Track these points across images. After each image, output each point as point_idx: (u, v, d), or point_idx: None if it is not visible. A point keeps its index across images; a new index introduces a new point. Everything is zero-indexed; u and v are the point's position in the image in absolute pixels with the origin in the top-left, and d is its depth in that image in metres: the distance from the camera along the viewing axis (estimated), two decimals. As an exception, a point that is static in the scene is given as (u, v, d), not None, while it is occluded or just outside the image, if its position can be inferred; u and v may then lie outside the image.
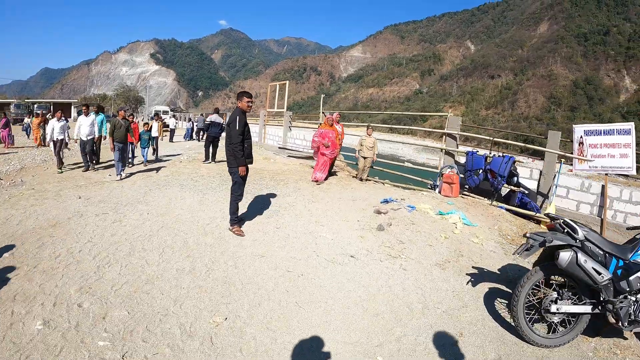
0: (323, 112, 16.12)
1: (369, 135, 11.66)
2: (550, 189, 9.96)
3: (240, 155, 6.29)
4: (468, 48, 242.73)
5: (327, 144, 10.80)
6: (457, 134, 11.06)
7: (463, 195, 10.38)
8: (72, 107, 59.48)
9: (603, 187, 9.41)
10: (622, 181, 10.15)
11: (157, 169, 12.16)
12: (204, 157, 14.56)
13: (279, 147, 17.87)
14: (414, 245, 6.37)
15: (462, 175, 10.53)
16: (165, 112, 50.15)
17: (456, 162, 11.11)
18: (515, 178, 10.25)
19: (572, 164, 9.63)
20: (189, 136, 28.20)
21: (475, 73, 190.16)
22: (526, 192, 10.12)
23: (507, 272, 5.66)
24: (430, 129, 13.41)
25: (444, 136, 11.26)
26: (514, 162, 10.03)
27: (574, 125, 9.50)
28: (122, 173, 10.69)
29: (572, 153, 9.61)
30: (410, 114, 13.76)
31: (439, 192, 10.60)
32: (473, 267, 5.81)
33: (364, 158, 11.62)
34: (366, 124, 15.32)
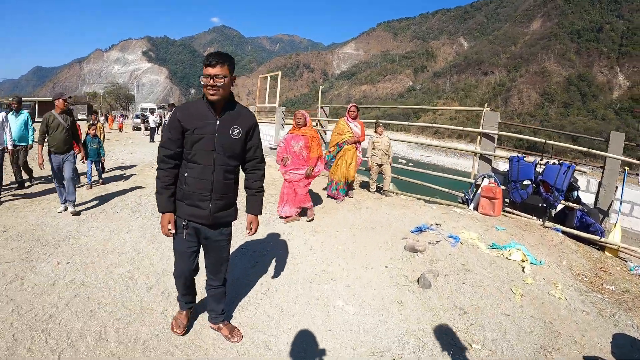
0: (322, 107, 13.68)
1: (380, 134, 9.27)
2: (611, 204, 7.75)
3: (161, 188, 3.08)
4: (461, 45, 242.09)
5: (287, 159, 6.83)
6: (495, 134, 8.73)
7: (505, 213, 8.11)
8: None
9: None
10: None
11: (121, 177, 9.70)
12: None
13: (271, 148, 15.46)
14: (483, 316, 3.98)
15: (503, 187, 8.23)
16: (152, 110, 47.65)
17: (494, 170, 8.79)
18: (576, 192, 7.97)
19: (638, 174, 8.06)
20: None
21: (468, 70, 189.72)
22: (585, 209, 7.88)
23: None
24: (461, 128, 10.75)
25: (479, 137, 8.92)
26: (574, 171, 7.76)
27: None
28: (69, 202, 6.82)
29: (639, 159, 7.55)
30: (449, 108, 11.20)
31: (475, 208, 8.30)
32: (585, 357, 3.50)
33: (379, 165, 9.25)
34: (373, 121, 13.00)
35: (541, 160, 8.12)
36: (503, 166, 8.78)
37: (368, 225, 6.46)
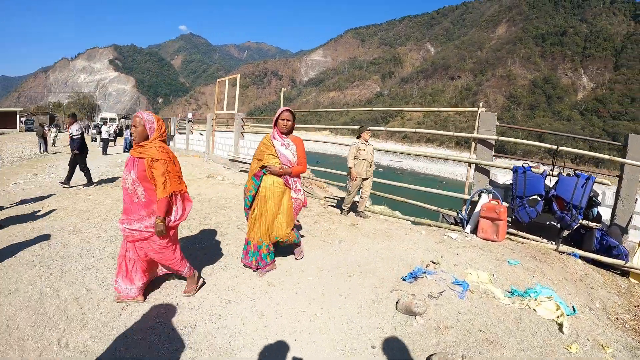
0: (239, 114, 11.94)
1: (366, 141, 7.56)
2: (630, 219, 6.42)
3: None
4: (428, 50, 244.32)
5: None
6: (493, 139, 7.22)
7: (509, 236, 6.63)
8: (17, 116, 53.07)
9: None
10: None
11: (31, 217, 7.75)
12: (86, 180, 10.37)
13: (230, 160, 13.71)
14: None
15: (506, 204, 6.72)
16: (113, 120, 45.13)
17: (492, 183, 7.29)
18: (596, 209, 6.51)
19: None
20: (127, 147, 23.61)
21: (435, 75, 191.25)
22: (605, 228, 6.46)
23: None
24: (457, 134, 9.17)
25: (473, 143, 7.39)
26: (594, 183, 6.31)
27: None
28: None
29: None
30: (442, 110, 9.41)
31: (473, 231, 6.78)
32: None
33: (363, 180, 7.57)
34: (325, 126, 11.37)
35: (552, 170, 6.64)
36: (502, 178, 7.29)
37: (343, 271, 4.76)
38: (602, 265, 5.96)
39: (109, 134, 23.19)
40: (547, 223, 6.79)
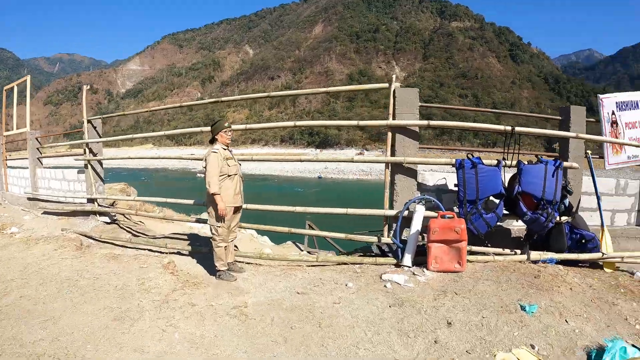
0: (89, 122, 8.02)
1: (228, 146, 4.82)
2: (579, 202, 5.61)
3: None
4: (247, 52, 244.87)
5: None
6: (417, 125, 5.25)
7: (469, 258, 4.76)
8: None
9: None
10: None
11: None
12: None
13: (29, 199, 9.75)
14: None
15: (448, 215, 4.76)
16: None
17: (420, 187, 5.31)
18: (567, 200, 5.02)
19: (601, 157, 6.04)
20: None
21: (255, 76, 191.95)
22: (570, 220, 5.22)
23: None
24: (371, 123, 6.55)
25: (390, 133, 5.29)
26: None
27: (600, 96, 6.14)
28: None
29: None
30: (345, 89, 6.21)
31: (411, 262, 4.69)
32: None
33: (234, 210, 4.80)
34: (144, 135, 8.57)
35: (505, 159, 4.93)
36: (432, 178, 5.39)
37: None
38: (571, 264, 5.06)
39: None
40: (528, 232, 5.28)
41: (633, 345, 3.35)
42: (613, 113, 5.98)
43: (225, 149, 4.68)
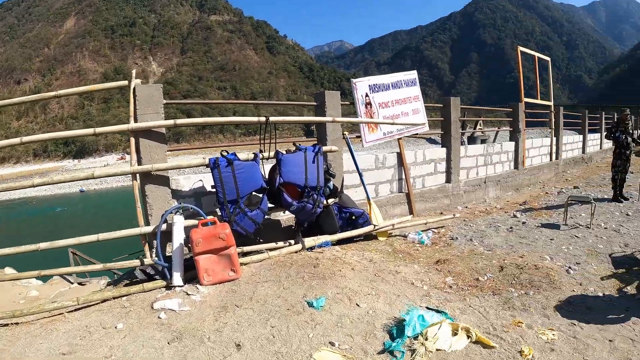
0: None
1: None
2: (343, 180, 5.85)
3: None
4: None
5: None
6: (164, 126, 4.53)
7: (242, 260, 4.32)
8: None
9: (399, 155, 7.09)
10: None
11: None
12: None
13: None
14: None
15: (210, 222, 4.22)
16: None
17: (176, 194, 4.63)
18: (332, 182, 4.98)
19: (359, 136, 6.51)
20: None
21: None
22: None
23: None
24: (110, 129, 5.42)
25: (132, 138, 4.44)
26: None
27: (354, 81, 6.40)
28: None
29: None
30: (72, 92, 4.85)
31: (182, 280, 4.03)
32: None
33: None
34: None
35: (265, 150, 4.60)
36: (187, 182, 4.77)
37: None
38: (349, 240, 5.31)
39: None
40: (298, 221, 5.13)
41: (428, 308, 3.45)
42: (367, 95, 6.32)
43: None
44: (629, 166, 8.86)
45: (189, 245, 4.11)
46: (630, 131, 8.86)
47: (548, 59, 13.95)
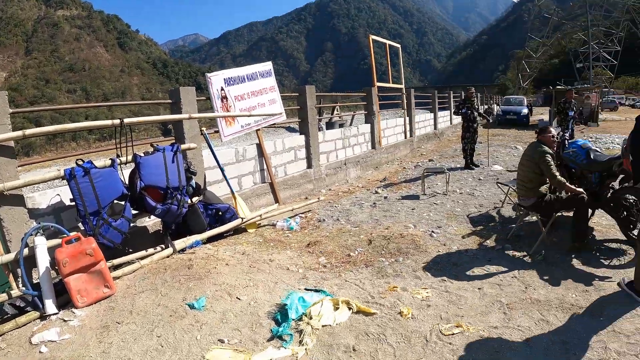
0: None
1: None
2: (205, 177, 5.86)
3: None
4: None
5: None
6: (10, 139, 4.20)
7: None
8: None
9: (259, 146, 7.26)
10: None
11: None
12: None
13: None
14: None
15: (74, 239, 4.08)
16: None
17: (33, 213, 4.35)
18: (194, 180, 5.28)
19: (217, 131, 6.42)
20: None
21: None
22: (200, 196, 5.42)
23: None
24: None
25: None
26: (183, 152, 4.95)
27: (208, 75, 6.35)
28: None
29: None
30: None
31: (55, 307, 3.84)
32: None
33: None
34: None
35: (122, 154, 4.59)
36: (44, 199, 4.53)
37: None
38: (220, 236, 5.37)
39: None
40: (166, 226, 5.12)
41: (307, 289, 3.66)
42: (222, 89, 6.34)
43: None
44: (477, 137, 10.28)
45: (57, 267, 3.93)
46: (476, 107, 10.30)
47: (398, 45, 15.18)
